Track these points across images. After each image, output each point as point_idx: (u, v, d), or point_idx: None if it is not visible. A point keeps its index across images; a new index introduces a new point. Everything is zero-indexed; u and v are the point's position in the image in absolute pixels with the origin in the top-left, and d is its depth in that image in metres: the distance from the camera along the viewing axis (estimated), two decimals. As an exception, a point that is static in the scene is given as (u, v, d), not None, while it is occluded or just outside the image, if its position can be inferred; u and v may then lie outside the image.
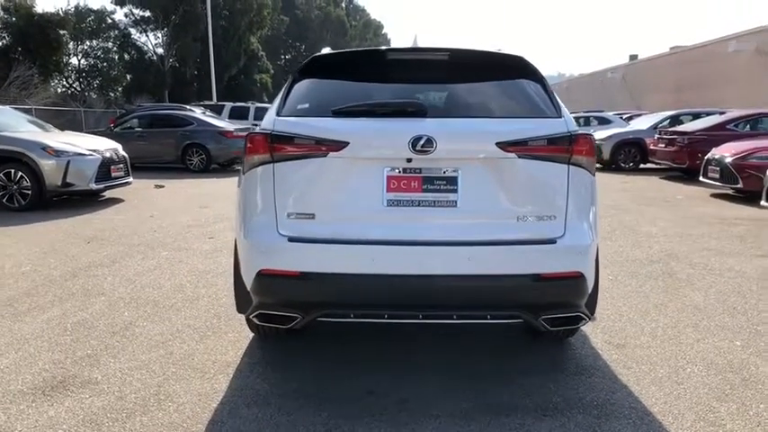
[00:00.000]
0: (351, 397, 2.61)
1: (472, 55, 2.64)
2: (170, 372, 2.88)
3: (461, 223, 2.35)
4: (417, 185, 2.35)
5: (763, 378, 2.80)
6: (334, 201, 2.39)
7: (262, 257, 2.41)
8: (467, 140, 2.37)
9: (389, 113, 2.44)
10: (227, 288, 4.22)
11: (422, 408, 2.52)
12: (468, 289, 2.33)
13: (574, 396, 2.64)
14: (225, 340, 3.28)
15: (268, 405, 2.54)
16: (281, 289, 2.42)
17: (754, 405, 2.55)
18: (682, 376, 2.83)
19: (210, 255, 5.31)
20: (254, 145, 2.47)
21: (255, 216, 2.49)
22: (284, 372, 2.88)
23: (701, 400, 2.59)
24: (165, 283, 4.42)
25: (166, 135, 13.29)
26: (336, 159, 2.35)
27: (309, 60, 2.72)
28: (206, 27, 35.02)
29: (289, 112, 2.52)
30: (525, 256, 2.34)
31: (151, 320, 3.60)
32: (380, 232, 2.34)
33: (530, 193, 2.39)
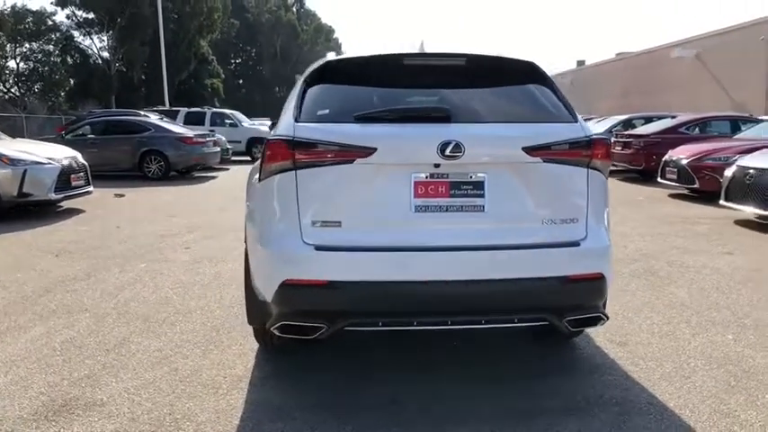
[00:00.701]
0: (374, 408, 2.57)
1: (485, 60, 2.67)
2: (179, 389, 2.75)
3: (489, 227, 2.37)
4: (445, 191, 2.35)
5: (762, 369, 2.94)
6: (361, 207, 2.35)
7: (286, 267, 2.35)
8: (494, 145, 2.39)
9: (414, 119, 2.44)
10: (218, 300, 4.11)
11: (448, 414, 2.51)
12: (496, 293, 2.35)
13: (593, 394, 2.69)
14: (230, 354, 3.17)
15: (293, 419, 2.47)
16: (307, 299, 2.36)
17: (761, 395, 2.67)
18: (687, 371, 2.94)
19: (191, 266, 5.13)
20: (273, 152, 2.41)
21: (277, 225, 2.42)
22: (298, 384, 2.81)
23: (710, 393, 2.70)
24: (149, 296, 4.23)
25: (122, 142, 12.79)
26: (363, 166, 2.32)
27: (322, 65, 2.68)
28: (154, 30, 33.99)
29: (308, 118, 2.46)
30: (551, 258, 2.37)
31: (145, 336, 3.44)
32: (409, 238, 2.33)
33: (553, 196, 2.43)
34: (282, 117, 2.69)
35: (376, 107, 2.50)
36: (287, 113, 2.62)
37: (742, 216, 7.32)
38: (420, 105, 2.55)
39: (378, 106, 2.51)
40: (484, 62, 2.66)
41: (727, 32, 20.06)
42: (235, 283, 4.55)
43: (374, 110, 2.45)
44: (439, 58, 2.60)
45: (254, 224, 2.62)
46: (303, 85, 2.67)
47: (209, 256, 5.47)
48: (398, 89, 2.64)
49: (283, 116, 2.67)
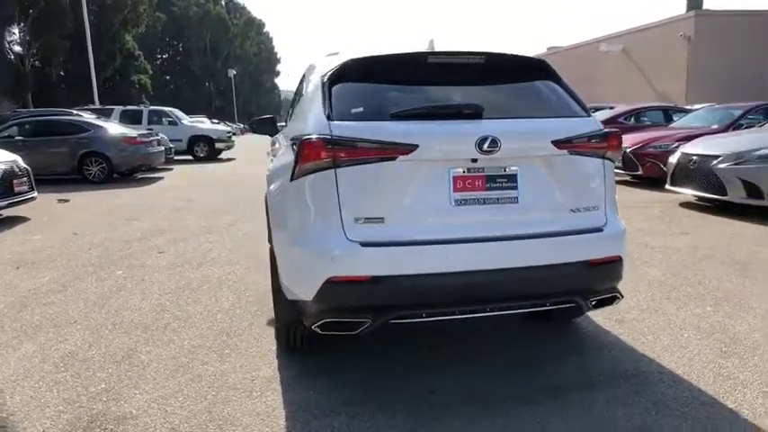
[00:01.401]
0: (414, 398, 2.64)
1: (502, 57, 2.78)
2: (210, 395, 2.71)
3: (523, 218, 2.49)
4: (481, 184, 2.45)
5: (744, 335, 3.26)
6: (404, 203, 2.41)
7: (331, 265, 2.37)
8: (527, 139, 2.52)
9: (448, 115, 2.51)
10: (215, 304, 4.03)
11: (485, 396, 2.63)
12: (532, 279, 2.48)
13: (608, 369, 2.89)
14: (250, 356, 3.13)
15: (338, 415, 2.50)
16: (353, 295, 2.39)
17: (750, 358, 2.96)
18: (682, 341, 3.21)
19: (173, 270, 4.97)
20: (311, 151, 2.41)
21: (317, 223, 2.43)
22: (330, 382, 2.82)
23: (708, 360, 2.96)
24: (140, 304, 4.08)
25: (58, 143, 12.03)
26: (405, 162, 2.37)
27: (347, 63, 2.69)
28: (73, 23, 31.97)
29: (341, 116, 2.48)
30: (579, 244, 2.53)
31: (153, 345, 3.33)
32: (450, 231, 2.41)
33: (578, 186, 2.59)
34: (306, 115, 2.70)
35: (406, 104, 2.55)
36: (312, 111, 2.62)
37: (684, 198, 7.93)
38: (451, 102, 2.63)
39: (407, 104, 2.57)
40: (501, 60, 2.77)
41: (649, 28, 21.44)
42: (226, 285, 4.48)
43: (411, 108, 2.51)
44: (460, 57, 2.68)
45: (287, 224, 2.62)
46: (326, 83, 2.67)
47: (188, 260, 5.32)
48: (424, 86, 2.70)
49: (307, 114, 2.68)
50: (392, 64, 2.74)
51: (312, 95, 2.83)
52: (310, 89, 2.94)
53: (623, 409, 2.50)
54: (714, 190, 6.86)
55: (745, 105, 9.93)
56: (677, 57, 19.70)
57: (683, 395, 2.61)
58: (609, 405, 2.54)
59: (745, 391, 2.62)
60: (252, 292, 4.31)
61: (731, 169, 6.64)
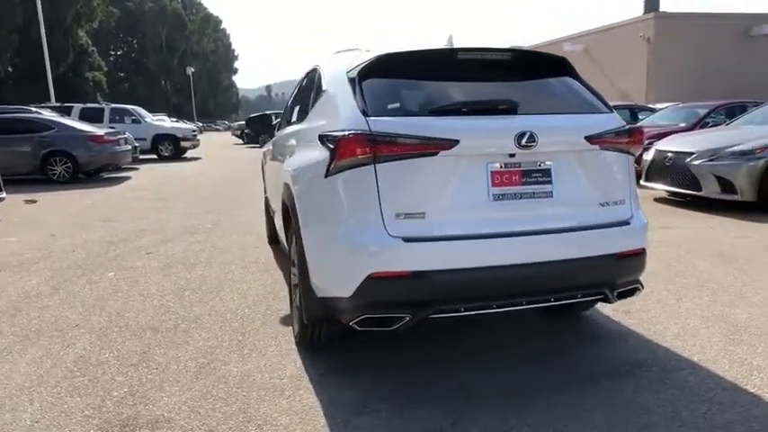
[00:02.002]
0: (448, 392, 2.66)
1: (526, 54, 2.82)
2: (241, 396, 2.66)
3: (556, 212, 2.54)
4: (517, 179, 2.49)
5: (746, 323, 3.42)
6: (444, 198, 2.42)
7: (373, 261, 2.36)
8: (562, 135, 2.57)
9: (485, 111, 2.54)
10: (222, 304, 3.95)
11: (519, 388, 2.67)
12: (567, 272, 2.53)
13: (629, 358, 2.99)
14: (271, 356, 3.09)
15: (377, 411, 2.49)
16: (394, 291, 2.39)
17: (758, 344, 3.11)
18: (691, 331, 3.34)
19: (166, 271, 4.84)
20: (349, 147, 2.40)
21: (357, 220, 2.42)
22: (361, 379, 2.80)
23: (720, 347, 3.10)
24: (142, 306, 3.96)
25: (18, 142, 11.50)
26: (446, 158, 2.39)
27: (378, 59, 2.68)
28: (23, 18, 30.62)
29: (378, 111, 2.47)
30: (609, 237, 2.60)
31: (166, 346, 3.24)
32: (489, 225, 2.44)
33: (607, 180, 2.67)
34: (333, 111, 2.68)
35: (441, 100, 2.57)
36: (341, 107, 2.61)
37: (658, 194, 8.24)
38: (487, 98, 2.65)
39: (442, 99, 2.58)
40: (524, 56, 2.81)
41: (610, 29, 22.18)
42: (227, 286, 4.39)
43: (449, 103, 2.53)
44: (488, 53, 2.71)
45: (321, 221, 2.59)
46: (355, 79, 2.66)
47: (179, 261, 5.19)
48: (454, 82, 2.73)
49: (335, 110, 2.66)
50: (423, 60, 2.75)
51: (336, 91, 2.82)
52: (331, 85, 2.92)
53: (652, 396, 2.59)
54: (689, 185, 7.16)
55: (710, 104, 10.39)
56: (637, 57, 20.47)
57: (704, 381, 2.72)
58: (637, 392, 2.63)
59: (762, 376, 2.76)
60: (255, 291, 4.24)
61: (706, 166, 6.94)
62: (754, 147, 6.83)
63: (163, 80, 69.32)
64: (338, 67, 3.04)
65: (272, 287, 4.35)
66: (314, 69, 3.63)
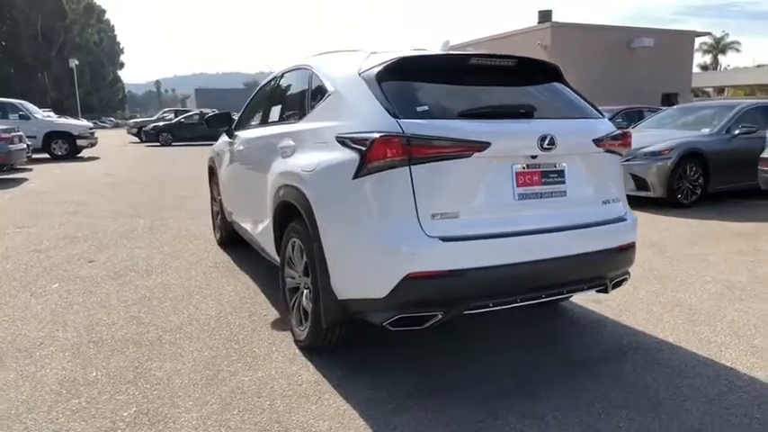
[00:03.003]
0: (469, 386, 2.73)
1: (526, 61, 2.98)
2: (266, 405, 2.57)
3: (570, 210, 2.72)
4: (538, 179, 2.64)
5: (698, 305, 3.85)
6: (475, 198, 2.51)
7: (410, 261, 2.39)
8: (575, 138, 2.75)
9: (507, 115, 2.66)
10: (200, 312, 3.77)
11: (531, 378, 2.82)
12: (580, 265, 2.73)
13: (615, 343, 3.26)
14: (279, 362, 3.00)
15: (410, 408, 2.52)
16: (430, 289, 2.43)
17: (715, 323, 3.52)
18: (656, 316, 3.70)
19: (120, 280, 4.48)
20: (383, 149, 2.40)
21: (392, 221, 2.43)
22: (380, 378, 2.81)
23: (685, 328, 3.46)
24: (109, 318, 3.65)
25: None
26: (478, 159, 2.47)
27: (398, 61, 2.70)
28: None
29: (407, 113, 2.50)
30: (611, 233, 2.83)
31: (159, 360, 3.03)
32: (515, 223, 2.56)
33: (606, 180, 2.90)
34: (350, 112, 2.68)
35: (465, 103, 2.64)
36: (361, 108, 2.61)
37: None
38: (508, 103, 2.77)
39: (464, 103, 2.66)
40: (528, 64, 2.97)
41: (511, 36, 23.56)
42: (196, 293, 4.17)
43: (476, 107, 2.62)
44: (495, 59, 2.83)
45: (350, 223, 2.55)
46: (372, 81, 2.67)
47: (130, 268, 4.82)
48: (471, 87, 2.81)
49: (352, 111, 2.66)
50: (440, 64, 2.82)
51: (349, 92, 2.81)
52: (341, 86, 2.90)
53: (650, 375, 2.85)
54: (609, 184, 7.84)
55: (614, 109, 11.42)
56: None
57: (686, 360, 3.04)
58: (637, 373, 2.88)
59: (730, 351, 3.14)
60: (229, 297, 4.07)
61: (624, 165, 7.61)
62: (662, 148, 7.64)
63: (39, 72, 62.97)
64: (345, 68, 3.01)
65: (245, 292, 4.19)
66: (302, 68, 3.56)
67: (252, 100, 4.74)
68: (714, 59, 57.86)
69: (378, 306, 2.51)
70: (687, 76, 26.97)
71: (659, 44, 24.49)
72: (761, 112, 8.36)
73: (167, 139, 24.43)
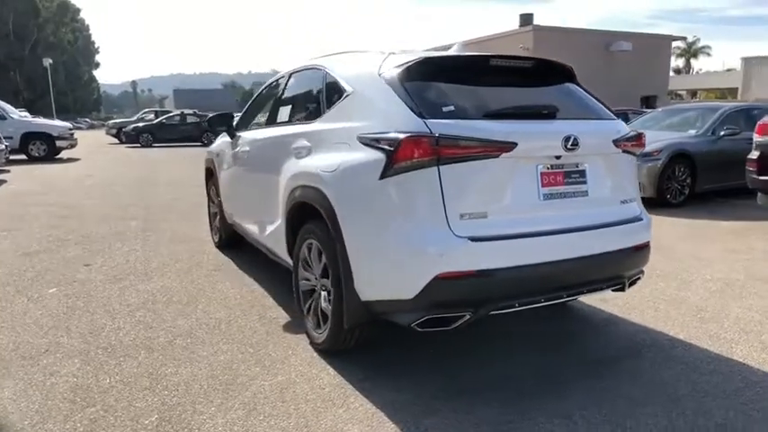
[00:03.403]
0: (499, 387, 2.72)
1: (543, 63, 2.99)
2: (291, 410, 2.52)
3: (591, 210, 2.74)
4: (561, 179, 2.65)
5: (702, 303, 3.91)
6: (502, 198, 2.51)
7: (440, 261, 2.37)
8: (597, 139, 2.77)
9: (531, 116, 2.67)
10: (209, 315, 3.72)
11: (553, 378, 2.83)
12: (602, 265, 2.75)
13: (628, 341, 3.30)
14: (297, 365, 2.95)
15: (439, 411, 2.51)
16: (459, 290, 2.42)
17: (722, 320, 3.59)
18: (663, 313, 3.75)
19: (119, 284, 4.38)
20: (412, 149, 2.39)
21: (421, 221, 2.42)
22: (403, 380, 2.79)
23: (694, 325, 3.51)
24: (115, 323, 3.56)
25: None
26: (505, 160, 2.47)
27: (420, 61, 2.70)
28: None
29: (433, 114, 2.49)
30: (630, 232, 2.86)
31: (173, 366, 2.96)
32: (541, 223, 2.57)
33: (624, 180, 2.93)
34: (372, 112, 2.67)
35: (489, 104, 2.65)
36: (384, 108, 2.60)
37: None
38: (531, 103, 2.78)
39: (488, 103, 2.66)
40: (542, 64, 2.98)
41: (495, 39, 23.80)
42: (202, 296, 4.10)
43: (500, 108, 2.62)
44: (513, 60, 2.84)
45: (376, 224, 2.53)
46: (395, 81, 2.66)
47: (129, 272, 4.72)
48: (492, 87, 2.80)
49: (382, 112, 2.63)
50: (460, 65, 2.82)
51: (369, 92, 2.80)
52: (360, 86, 2.88)
53: (667, 372, 2.89)
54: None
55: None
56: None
57: (700, 356, 3.09)
58: (654, 370, 2.91)
59: (740, 348, 3.19)
60: (236, 300, 4.01)
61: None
62: (652, 149, 7.76)
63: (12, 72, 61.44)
64: (363, 68, 3.00)
65: (251, 295, 4.13)
66: (314, 68, 3.52)
67: (255, 100, 4.69)
68: (687, 63, 59.25)
69: (406, 307, 2.49)
70: (664, 79, 27.59)
71: (637, 48, 25.02)
72: (742, 114, 8.57)
73: (148, 141, 24.04)
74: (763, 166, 6.23)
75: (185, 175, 12.57)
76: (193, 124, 25.51)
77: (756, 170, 6.29)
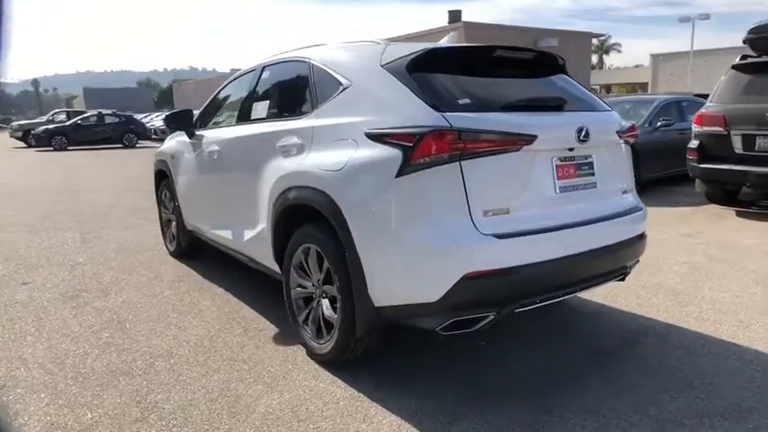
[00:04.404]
0: (517, 386, 2.66)
1: (543, 54, 2.94)
2: (310, 429, 2.33)
3: (600, 201, 2.73)
4: (573, 172, 2.61)
5: (676, 286, 4.06)
6: (523, 193, 2.43)
7: (468, 260, 2.26)
8: (605, 129, 2.76)
9: (543, 107, 2.61)
10: (186, 332, 3.42)
11: (566, 374, 2.80)
12: (613, 255, 2.74)
13: (623, 329, 3.34)
14: (301, 381, 2.75)
15: (465, 416, 2.40)
16: (486, 289, 2.32)
17: (699, 303, 3.73)
18: (645, 299, 3.84)
19: (72, 302, 3.95)
20: (432, 144, 2.25)
21: (445, 219, 2.29)
22: (421, 387, 2.66)
23: (676, 309, 3.63)
24: (79, 348, 3.18)
25: None
26: (525, 153, 2.39)
27: (428, 52, 2.56)
28: None
29: (450, 107, 2.37)
30: (633, 221, 2.88)
31: (162, 392, 2.66)
32: (558, 217, 2.51)
33: (623, 171, 2.94)
34: (389, 106, 2.49)
35: (502, 96, 2.56)
36: (403, 102, 2.43)
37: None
38: (543, 95, 2.72)
39: (494, 95, 2.57)
40: (542, 56, 2.93)
41: (425, 35, 23.91)
42: (172, 311, 3.78)
43: (516, 99, 2.54)
44: (516, 52, 2.77)
45: (395, 224, 2.36)
46: (402, 73, 2.51)
47: (79, 289, 4.27)
48: (499, 79, 2.71)
49: (393, 105, 2.48)
50: (467, 56, 2.72)
51: (372, 85, 2.64)
52: (360, 78, 2.71)
53: (671, 358, 2.94)
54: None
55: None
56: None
57: (693, 339, 3.18)
58: (657, 357, 2.96)
59: (725, 328, 3.32)
60: (212, 313, 3.71)
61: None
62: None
63: None
64: (360, 60, 2.83)
65: (226, 306, 3.84)
66: (296, 60, 3.30)
67: (218, 97, 4.36)
68: (600, 59, 62.83)
69: (429, 311, 2.36)
70: (587, 73, 28.94)
71: (562, 44, 26.03)
72: (674, 106, 9.10)
73: (62, 143, 22.28)
74: (702, 155, 6.62)
75: (114, 179, 11.75)
76: (112, 125, 23.98)
77: (696, 159, 6.68)
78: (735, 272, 4.43)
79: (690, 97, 9.88)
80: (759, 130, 6.07)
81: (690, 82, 26.71)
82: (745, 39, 6.61)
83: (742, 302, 3.74)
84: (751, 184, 6.52)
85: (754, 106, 6.14)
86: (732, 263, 4.70)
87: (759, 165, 6.08)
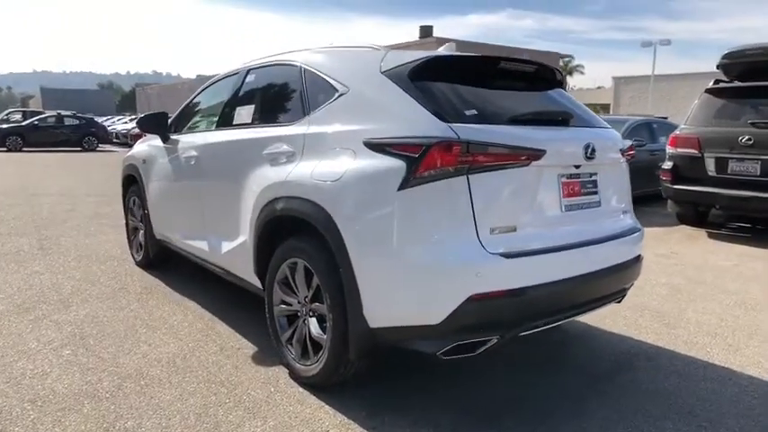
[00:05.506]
0: (515, 411, 2.54)
1: (544, 67, 2.85)
2: (299, 461, 2.14)
3: (603, 220, 2.65)
4: (578, 189, 2.52)
5: (660, 307, 4.04)
6: (529, 210, 2.32)
7: (474, 281, 2.12)
8: (609, 147, 2.68)
9: (551, 122, 2.51)
10: (156, 349, 3.21)
11: (564, 394, 2.70)
12: (615, 277, 2.66)
13: (615, 351, 3.27)
14: (288, 405, 2.55)
15: None
16: (491, 311, 2.19)
17: (686, 325, 3.71)
18: (633, 321, 3.78)
19: (29, 316, 3.64)
20: (438, 156, 2.12)
21: (450, 236, 2.15)
22: (413, 412, 2.51)
23: (664, 331, 3.58)
24: (37, 367, 2.90)
25: None
26: (533, 168, 2.29)
27: (431, 60, 2.44)
28: None
29: (457, 117, 2.24)
30: (634, 242, 2.80)
31: (132, 418, 2.42)
32: (564, 236, 2.41)
33: (623, 190, 2.87)
34: (392, 115, 2.36)
35: (500, 108, 2.45)
36: (408, 111, 2.30)
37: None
38: (545, 109, 2.63)
39: (500, 107, 2.46)
40: (543, 69, 2.84)
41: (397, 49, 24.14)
42: (141, 325, 3.53)
43: (523, 112, 2.43)
44: (519, 64, 2.68)
45: (396, 241, 2.21)
46: (406, 80, 2.39)
47: (36, 299, 3.95)
48: (504, 91, 2.60)
49: (396, 114, 2.34)
50: (470, 66, 2.61)
51: (374, 93, 2.51)
52: (359, 84, 2.57)
53: (667, 382, 2.87)
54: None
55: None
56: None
57: (686, 363, 3.13)
58: (652, 381, 2.88)
59: (716, 351, 3.29)
60: (184, 329, 3.47)
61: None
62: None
63: None
64: (358, 65, 2.70)
65: (199, 321, 3.60)
66: (286, 64, 3.13)
67: (195, 100, 4.14)
68: (563, 80, 64.69)
69: (430, 333, 2.21)
70: (553, 93, 29.54)
71: (531, 63, 26.57)
72: (645, 127, 9.29)
73: (16, 144, 21.28)
74: (676, 176, 6.73)
75: (73, 183, 11.21)
76: (72, 127, 23.07)
77: (670, 180, 6.78)
78: (715, 293, 4.45)
79: (660, 119, 10.11)
80: (732, 154, 6.21)
81: (650, 104, 27.56)
82: (718, 64, 6.79)
83: (728, 325, 3.74)
84: (721, 206, 6.66)
85: (727, 130, 6.28)
86: (710, 284, 4.72)
87: (731, 187, 6.20)
